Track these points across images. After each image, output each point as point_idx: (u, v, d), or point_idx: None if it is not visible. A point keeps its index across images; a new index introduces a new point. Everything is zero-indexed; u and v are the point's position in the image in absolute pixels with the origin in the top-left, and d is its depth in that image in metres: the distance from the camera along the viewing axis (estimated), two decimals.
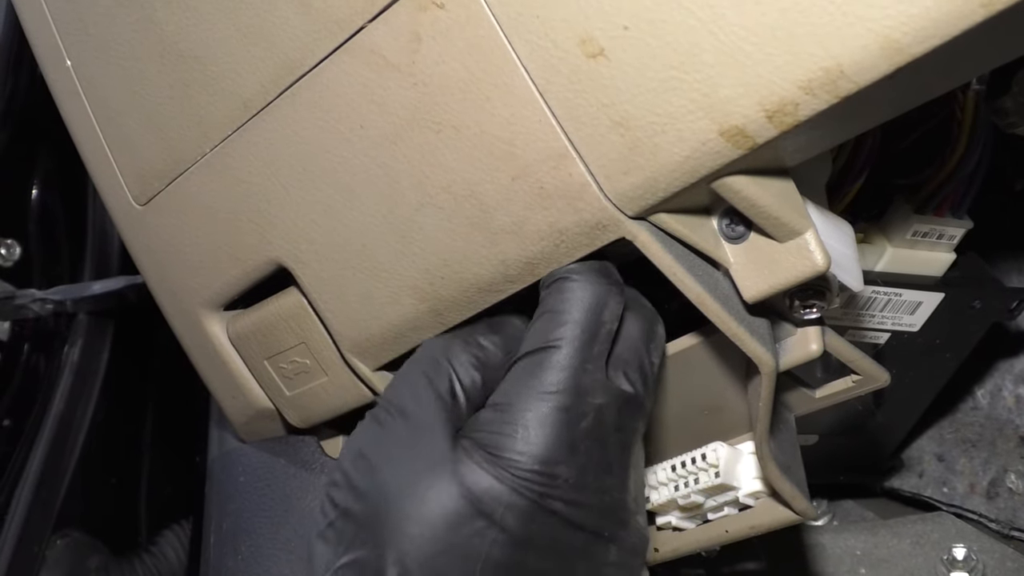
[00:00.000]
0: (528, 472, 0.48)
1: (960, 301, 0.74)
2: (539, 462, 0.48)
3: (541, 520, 0.48)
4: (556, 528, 0.49)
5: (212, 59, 0.59)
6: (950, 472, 0.89)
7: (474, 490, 0.48)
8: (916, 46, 0.38)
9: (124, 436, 1.25)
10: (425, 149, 0.52)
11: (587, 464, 0.49)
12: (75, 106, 0.69)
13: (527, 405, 0.49)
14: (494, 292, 0.54)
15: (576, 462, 0.49)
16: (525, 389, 0.50)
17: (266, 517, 0.69)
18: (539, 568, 0.49)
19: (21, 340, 1.20)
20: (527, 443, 0.48)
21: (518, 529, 0.48)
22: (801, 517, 0.59)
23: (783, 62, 0.41)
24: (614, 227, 0.48)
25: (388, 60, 0.52)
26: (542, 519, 0.48)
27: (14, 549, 1.06)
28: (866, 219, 0.71)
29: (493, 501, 0.48)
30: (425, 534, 0.48)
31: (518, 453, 0.48)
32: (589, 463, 0.49)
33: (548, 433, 0.49)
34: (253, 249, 0.62)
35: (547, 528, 0.49)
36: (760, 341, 0.51)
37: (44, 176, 1.23)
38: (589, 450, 0.49)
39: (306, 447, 0.70)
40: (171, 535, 1.17)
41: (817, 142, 0.47)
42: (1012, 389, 0.86)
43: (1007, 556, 0.78)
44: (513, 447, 0.48)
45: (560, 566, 0.50)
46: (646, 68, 0.44)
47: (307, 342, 0.62)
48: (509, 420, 0.49)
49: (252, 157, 0.59)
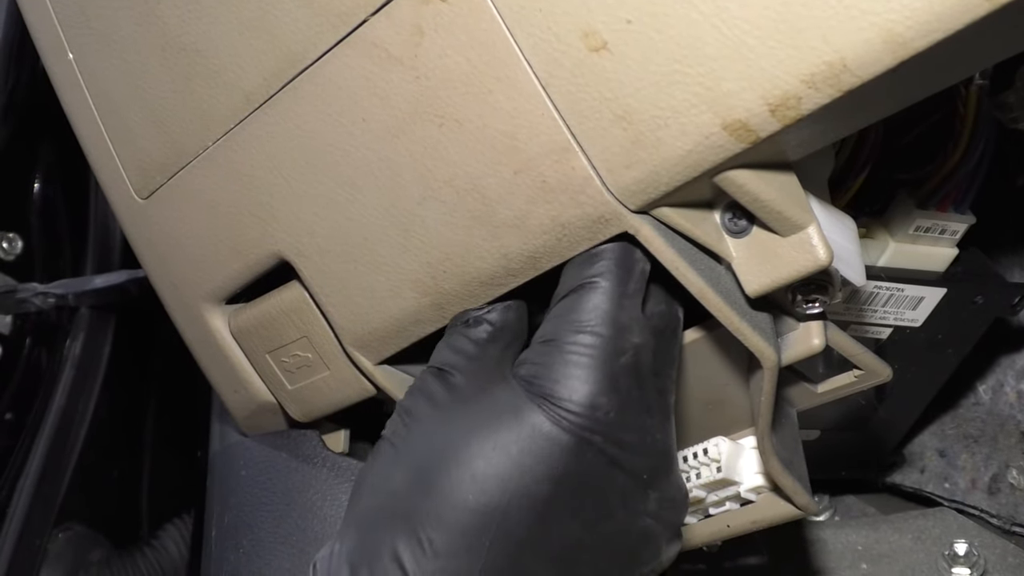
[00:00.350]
0: (572, 406, 0.48)
1: (962, 296, 0.74)
2: (582, 397, 0.49)
3: (582, 455, 0.49)
4: (596, 464, 0.49)
5: (214, 52, 0.59)
6: (952, 467, 0.89)
7: (530, 430, 0.49)
8: (919, 40, 0.38)
9: (126, 430, 1.26)
10: (427, 142, 0.52)
11: (627, 401, 0.50)
12: (77, 99, 0.69)
13: (570, 340, 0.50)
14: (496, 286, 0.54)
15: (617, 397, 0.49)
16: (566, 325, 0.50)
17: (268, 511, 0.69)
18: (579, 507, 0.49)
19: (23, 334, 1.20)
20: (570, 379, 0.49)
21: (561, 465, 0.48)
22: (803, 512, 0.59)
23: (786, 56, 0.41)
24: (616, 221, 0.48)
25: (390, 53, 0.52)
26: (583, 454, 0.49)
27: (16, 542, 1.07)
28: (868, 214, 0.71)
29: (544, 439, 0.48)
30: (484, 474, 0.49)
31: (563, 389, 0.49)
32: (629, 400, 0.50)
33: (590, 368, 0.49)
34: (255, 242, 0.62)
35: (587, 464, 0.49)
36: (762, 335, 0.51)
37: (46, 170, 1.23)
38: (629, 388, 0.50)
39: (308, 441, 0.70)
40: (173, 529, 1.17)
41: (820, 136, 0.47)
42: (1014, 384, 0.86)
43: (1008, 552, 0.78)
44: (557, 385, 0.49)
45: (598, 508, 0.50)
46: (649, 62, 0.44)
47: (309, 336, 0.62)
48: (553, 358, 0.50)
49: (254, 150, 0.59)
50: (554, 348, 0.50)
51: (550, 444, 0.48)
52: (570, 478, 0.49)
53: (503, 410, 0.50)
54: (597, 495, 0.50)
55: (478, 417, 0.50)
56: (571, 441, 0.48)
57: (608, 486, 0.50)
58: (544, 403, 0.49)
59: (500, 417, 0.49)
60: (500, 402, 0.50)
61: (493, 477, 0.48)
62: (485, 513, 0.48)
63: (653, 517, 0.52)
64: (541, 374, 0.50)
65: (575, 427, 0.48)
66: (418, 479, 0.50)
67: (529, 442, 0.48)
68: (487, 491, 0.48)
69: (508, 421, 0.49)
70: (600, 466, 0.49)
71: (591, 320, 0.50)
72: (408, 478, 0.51)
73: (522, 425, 0.49)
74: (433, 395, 0.53)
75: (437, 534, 0.48)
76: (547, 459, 0.48)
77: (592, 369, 0.49)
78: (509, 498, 0.48)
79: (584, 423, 0.48)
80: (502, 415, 0.49)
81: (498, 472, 0.48)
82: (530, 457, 0.48)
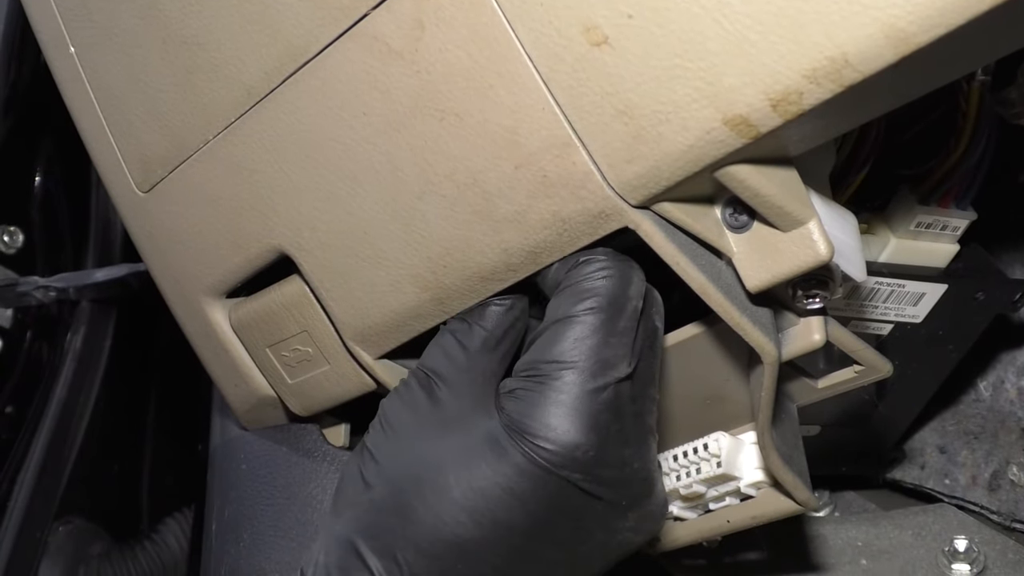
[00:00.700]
0: (550, 446, 0.49)
1: (963, 293, 0.74)
2: (561, 437, 0.49)
3: (559, 492, 0.50)
4: (574, 498, 0.50)
5: (215, 46, 0.59)
6: (952, 464, 0.89)
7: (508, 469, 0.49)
8: (921, 35, 0.38)
9: (126, 424, 1.26)
10: (428, 137, 0.52)
11: (606, 438, 0.50)
12: (78, 93, 0.69)
13: (553, 377, 0.50)
14: (496, 280, 0.54)
15: (596, 436, 0.50)
16: (551, 359, 0.50)
17: (268, 505, 0.69)
18: (556, 535, 0.51)
19: (24, 327, 1.20)
20: (550, 418, 0.49)
21: (538, 501, 0.49)
22: (803, 507, 0.59)
23: (788, 51, 0.41)
24: (617, 216, 0.48)
25: (391, 47, 0.52)
26: (561, 491, 0.50)
27: (16, 536, 1.07)
28: (870, 209, 0.71)
29: (521, 477, 0.49)
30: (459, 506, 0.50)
31: (543, 428, 0.49)
32: (608, 437, 0.50)
33: (569, 407, 0.49)
34: (255, 236, 0.62)
35: (565, 499, 0.50)
36: (763, 331, 0.51)
37: (47, 163, 1.23)
38: (608, 424, 0.50)
39: (308, 435, 0.70)
40: (173, 522, 1.17)
41: (821, 131, 0.47)
42: (1015, 381, 0.86)
43: (1008, 548, 0.78)
44: (537, 424, 0.49)
45: (576, 534, 0.51)
46: (650, 57, 0.44)
47: (309, 330, 0.62)
48: (535, 394, 0.50)
49: (255, 144, 0.59)
50: (536, 384, 0.50)
51: (528, 481, 0.49)
52: (547, 512, 0.50)
53: (483, 443, 0.51)
54: (575, 524, 0.51)
55: (458, 445, 0.51)
56: (549, 479, 0.49)
57: (586, 515, 0.51)
58: (524, 440, 0.49)
59: (480, 450, 0.50)
60: (481, 434, 0.51)
61: (469, 510, 0.50)
62: (459, 544, 0.50)
63: (632, 531, 0.53)
64: (522, 411, 0.50)
65: (553, 466, 0.49)
66: (396, 499, 0.52)
67: (506, 478, 0.49)
68: (462, 523, 0.50)
69: (487, 456, 0.50)
70: (578, 499, 0.50)
71: (575, 357, 0.50)
72: (387, 495, 0.52)
73: (501, 462, 0.50)
74: (416, 407, 0.54)
75: (414, 557, 0.50)
76: (524, 495, 0.49)
77: (572, 408, 0.49)
78: (484, 531, 0.50)
79: (562, 462, 0.49)
80: (482, 449, 0.50)
81: (475, 506, 0.50)
82: (507, 493, 0.49)
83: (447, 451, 0.51)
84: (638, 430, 0.52)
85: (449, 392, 0.54)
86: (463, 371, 0.54)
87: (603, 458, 0.50)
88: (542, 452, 0.49)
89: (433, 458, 0.52)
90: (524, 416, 0.50)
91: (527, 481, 0.49)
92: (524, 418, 0.50)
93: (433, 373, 0.55)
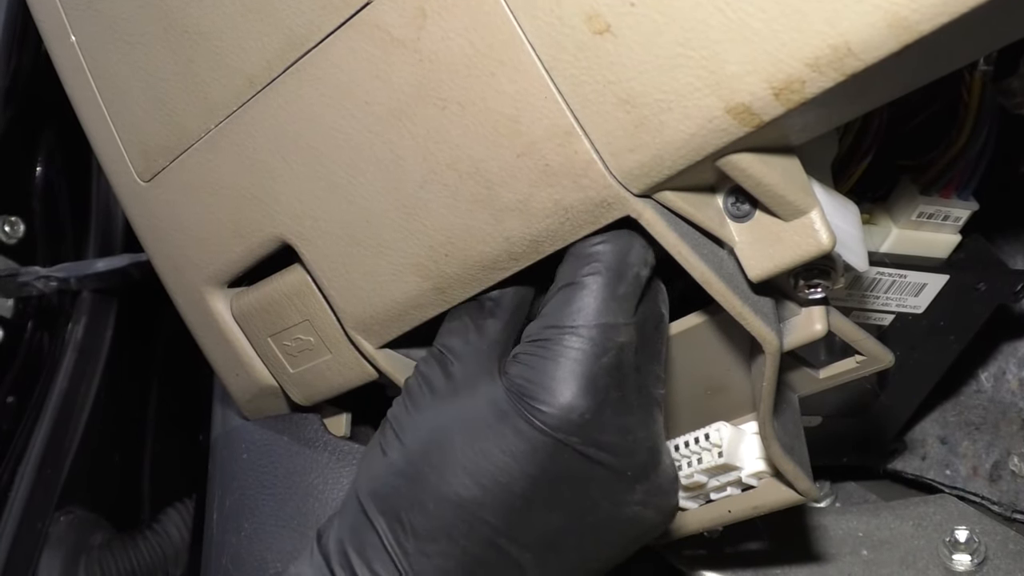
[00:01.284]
0: (549, 409, 0.50)
1: (965, 283, 0.74)
2: (559, 400, 0.50)
3: (558, 456, 0.51)
4: (574, 463, 0.51)
5: (217, 35, 0.59)
6: (953, 455, 0.89)
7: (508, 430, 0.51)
8: (924, 24, 0.38)
9: (127, 414, 1.26)
10: (430, 125, 0.52)
11: (605, 402, 0.51)
12: (79, 82, 0.68)
13: (554, 342, 0.51)
14: (498, 270, 0.54)
15: (594, 400, 0.50)
16: (553, 325, 0.52)
17: (269, 495, 0.69)
18: (556, 500, 0.51)
19: (25, 318, 1.20)
20: (550, 381, 0.50)
21: (537, 465, 0.51)
22: (804, 497, 0.59)
23: (790, 39, 0.41)
24: (619, 205, 0.48)
25: (393, 36, 0.52)
26: (560, 455, 0.51)
27: (18, 525, 1.07)
28: (871, 200, 0.71)
29: (521, 440, 0.51)
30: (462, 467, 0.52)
31: (543, 391, 0.50)
32: (607, 401, 0.51)
33: (569, 371, 0.50)
34: (257, 226, 0.62)
35: (565, 464, 0.51)
36: (764, 320, 0.51)
37: (48, 153, 1.23)
38: (608, 388, 0.51)
39: (309, 425, 0.70)
40: (174, 512, 1.17)
41: (824, 120, 0.47)
42: (1016, 372, 0.86)
43: (1009, 539, 0.78)
44: (537, 388, 0.51)
45: (579, 501, 0.52)
46: (653, 45, 0.44)
47: (311, 319, 0.62)
48: (537, 360, 0.51)
49: (257, 133, 0.59)
50: (539, 349, 0.52)
51: (525, 443, 0.50)
52: (547, 476, 0.51)
53: (487, 410, 0.52)
54: (577, 490, 0.52)
55: (464, 411, 0.53)
56: (547, 442, 0.50)
57: (589, 482, 0.52)
58: (523, 403, 0.51)
59: (484, 417, 0.52)
60: (486, 402, 0.52)
61: (471, 471, 0.51)
62: (462, 505, 0.51)
63: (641, 505, 0.54)
64: (525, 375, 0.51)
65: (550, 428, 0.50)
66: (407, 465, 0.53)
67: (506, 440, 0.51)
68: (464, 483, 0.51)
69: (489, 418, 0.52)
70: (578, 465, 0.51)
71: (576, 321, 0.51)
72: (399, 461, 0.54)
73: (501, 424, 0.51)
74: (432, 382, 0.56)
75: (419, 519, 0.52)
76: (523, 458, 0.51)
77: (571, 372, 0.50)
78: (484, 492, 0.51)
79: (560, 425, 0.50)
80: (485, 412, 0.52)
81: (476, 467, 0.51)
82: (506, 454, 0.51)
83: (454, 417, 0.53)
84: (642, 400, 0.53)
85: (461, 366, 0.55)
86: (474, 347, 0.56)
87: (602, 422, 0.51)
88: (539, 415, 0.50)
89: (443, 425, 0.53)
90: (524, 380, 0.51)
91: (524, 443, 0.50)
92: (524, 382, 0.51)
93: (447, 350, 0.56)
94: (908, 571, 0.76)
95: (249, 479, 0.71)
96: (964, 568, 0.76)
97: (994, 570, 0.76)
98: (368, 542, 0.53)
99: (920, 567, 0.76)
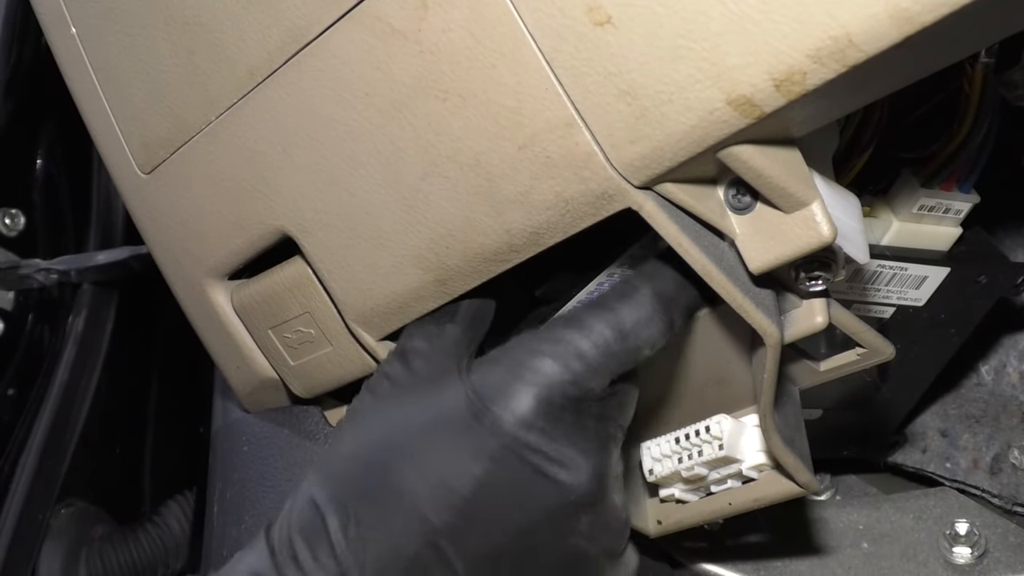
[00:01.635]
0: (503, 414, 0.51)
1: (966, 276, 0.74)
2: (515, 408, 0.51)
3: (505, 461, 0.51)
4: (519, 472, 0.51)
5: (217, 26, 0.59)
6: (953, 448, 0.89)
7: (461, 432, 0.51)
8: (926, 14, 0.38)
9: (128, 406, 1.26)
10: (431, 118, 0.52)
11: (560, 419, 0.51)
12: (80, 74, 0.68)
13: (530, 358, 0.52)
14: (499, 262, 0.54)
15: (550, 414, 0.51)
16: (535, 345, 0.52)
17: (270, 487, 0.69)
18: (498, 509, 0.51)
19: (25, 310, 1.20)
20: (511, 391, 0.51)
21: (482, 467, 0.51)
22: (804, 490, 0.59)
23: (791, 30, 0.41)
24: (620, 197, 0.48)
25: (394, 27, 0.51)
26: (506, 460, 0.51)
27: (19, 518, 1.07)
28: (872, 192, 0.71)
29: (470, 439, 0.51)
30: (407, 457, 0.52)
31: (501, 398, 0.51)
32: (562, 419, 0.51)
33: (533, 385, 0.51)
34: (258, 218, 0.62)
35: (510, 471, 0.51)
36: (765, 313, 0.51)
37: (49, 146, 1.23)
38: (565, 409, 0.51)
39: (310, 417, 0.70)
40: (175, 505, 1.17)
41: (825, 112, 0.47)
42: (1017, 365, 0.86)
43: (1009, 531, 0.78)
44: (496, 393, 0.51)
45: (520, 518, 0.51)
46: (653, 36, 0.44)
47: (311, 312, 0.62)
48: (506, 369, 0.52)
49: (257, 125, 0.59)
50: (510, 359, 0.52)
51: (475, 444, 0.51)
52: (491, 479, 0.51)
53: (443, 406, 0.53)
54: (519, 504, 0.51)
55: (422, 408, 0.54)
56: (495, 445, 0.51)
57: (532, 497, 0.51)
58: (481, 406, 0.51)
59: (439, 413, 0.53)
60: (444, 398, 0.53)
61: (419, 466, 0.51)
62: (405, 497, 0.51)
63: (586, 539, 0.53)
64: (487, 379, 0.52)
65: (501, 432, 0.50)
66: (361, 456, 0.54)
67: (457, 440, 0.51)
68: (411, 478, 0.51)
69: (444, 417, 0.52)
70: (523, 474, 0.51)
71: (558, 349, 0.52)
72: (355, 453, 0.54)
73: (455, 423, 0.51)
74: (393, 377, 0.56)
75: (364, 509, 0.52)
76: (470, 458, 0.51)
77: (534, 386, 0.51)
78: (429, 488, 0.51)
79: (510, 430, 0.50)
80: (441, 411, 0.53)
81: (425, 462, 0.51)
82: (455, 453, 0.51)
83: (411, 411, 0.54)
84: (599, 431, 0.53)
85: (423, 363, 0.56)
86: (436, 346, 0.56)
87: (552, 435, 0.51)
88: (492, 417, 0.51)
89: (399, 417, 0.54)
90: (485, 383, 0.52)
91: (473, 442, 0.51)
92: (485, 384, 0.52)
93: (411, 348, 0.57)
94: (908, 564, 0.76)
95: (250, 472, 0.71)
96: (964, 561, 0.76)
97: (994, 563, 0.76)
98: (313, 529, 0.52)
99: (920, 560, 0.76)
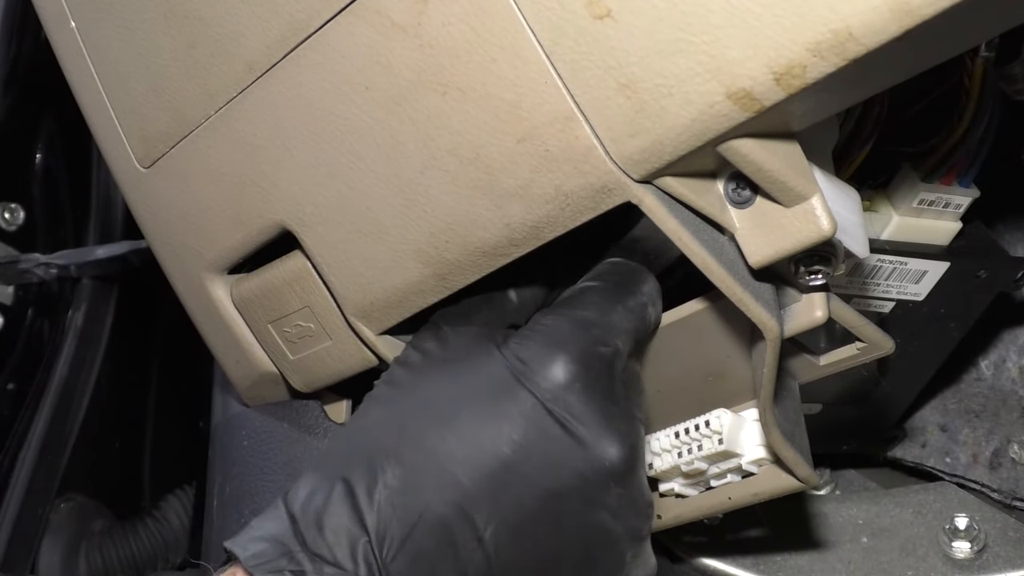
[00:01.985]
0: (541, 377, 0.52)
1: (965, 270, 0.74)
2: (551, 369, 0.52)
3: (541, 422, 0.52)
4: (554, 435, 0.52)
5: (217, 21, 0.59)
6: (953, 442, 0.89)
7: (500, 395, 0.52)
8: (926, 7, 0.38)
9: (128, 401, 1.26)
10: (430, 111, 0.52)
11: (595, 383, 0.52)
12: (80, 68, 0.68)
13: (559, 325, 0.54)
14: (499, 256, 0.54)
15: (585, 376, 0.52)
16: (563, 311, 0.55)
17: (269, 481, 0.69)
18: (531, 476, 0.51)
19: (25, 305, 1.20)
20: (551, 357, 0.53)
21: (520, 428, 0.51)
22: (804, 484, 0.59)
23: (791, 24, 0.40)
24: (619, 190, 0.48)
25: (394, 21, 0.51)
26: (542, 421, 0.51)
27: (18, 512, 1.07)
28: (872, 186, 0.71)
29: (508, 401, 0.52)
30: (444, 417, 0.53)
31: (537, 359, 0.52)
32: (598, 384, 0.53)
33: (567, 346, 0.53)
34: (257, 212, 0.62)
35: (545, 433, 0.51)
36: (765, 307, 0.51)
37: (48, 140, 1.23)
38: (599, 375, 0.53)
39: (309, 411, 0.70)
40: (175, 499, 1.17)
41: (825, 105, 0.47)
42: (1016, 360, 0.86)
43: (1009, 526, 0.78)
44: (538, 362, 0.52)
45: (553, 481, 0.52)
46: (653, 30, 0.44)
47: (311, 306, 0.62)
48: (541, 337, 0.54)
49: (257, 119, 0.59)
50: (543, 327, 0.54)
51: (514, 409, 0.51)
52: (528, 443, 0.51)
53: (482, 376, 0.53)
54: (553, 468, 0.52)
55: (460, 378, 0.54)
56: (535, 408, 0.51)
57: (566, 461, 0.52)
58: (521, 373, 0.52)
59: (478, 382, 0.53)
60: (481, 367, 0.54)
61: (456, 430, 0.52)
62: (437, 458, 0.51)
63: (612, 514, 0.53)
64: (525, 350, 0.53)
65: (541, 393, 0.51)
66: (394, 419, 0.54)
67: (494, 406, 0.52)
68: (444, 441, 0.51)
69: (483, 386, 0.53)
70: (558, 437, 0.51)
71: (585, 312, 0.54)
72: (387, 417, 0.55)
73: (495, 390, 0.52)
74: (427, 349, 0.57)
75: (393, 469, 0.51)
76: (508, 422, 0.51)
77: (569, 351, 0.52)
78: (465, 450, 0.51)
79: (549, 395, 0.51)
80: (480, 380, 0.53)
81: (463, 427, 0.52)
82: (493, 419, 0.51)
83: (444, 379, 0.55)
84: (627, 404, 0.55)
85: (457, 338, 0.57)
86: (473, 322, 0.58)
87: (588, 400, 0.52)
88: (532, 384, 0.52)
89: (431, 386, 0.55)
90: (523, 352, 0.53)
91: (514, 407, 0.51)
92: (523, 354, 0.53)
93: (444, 324, 0.58)
94: (908, 558, 0.76)
95: (249, 466, 0.71)
96: (964, 555, 0.76)
97: (993, 557, 0.76)
98: (337, 492, 0.51)
99: (920, 554, 0.77)
